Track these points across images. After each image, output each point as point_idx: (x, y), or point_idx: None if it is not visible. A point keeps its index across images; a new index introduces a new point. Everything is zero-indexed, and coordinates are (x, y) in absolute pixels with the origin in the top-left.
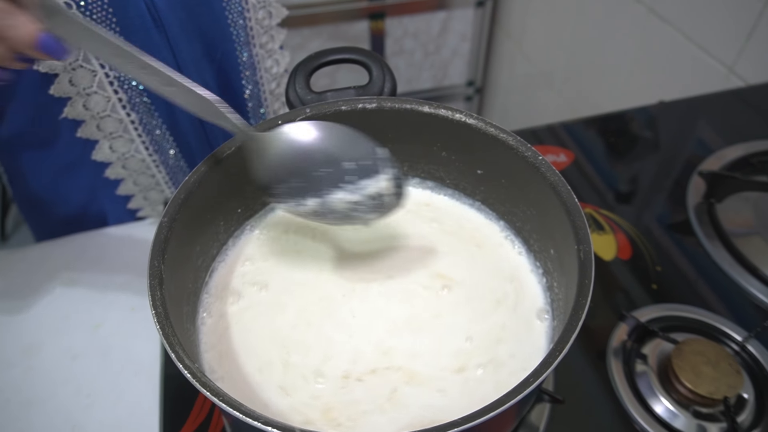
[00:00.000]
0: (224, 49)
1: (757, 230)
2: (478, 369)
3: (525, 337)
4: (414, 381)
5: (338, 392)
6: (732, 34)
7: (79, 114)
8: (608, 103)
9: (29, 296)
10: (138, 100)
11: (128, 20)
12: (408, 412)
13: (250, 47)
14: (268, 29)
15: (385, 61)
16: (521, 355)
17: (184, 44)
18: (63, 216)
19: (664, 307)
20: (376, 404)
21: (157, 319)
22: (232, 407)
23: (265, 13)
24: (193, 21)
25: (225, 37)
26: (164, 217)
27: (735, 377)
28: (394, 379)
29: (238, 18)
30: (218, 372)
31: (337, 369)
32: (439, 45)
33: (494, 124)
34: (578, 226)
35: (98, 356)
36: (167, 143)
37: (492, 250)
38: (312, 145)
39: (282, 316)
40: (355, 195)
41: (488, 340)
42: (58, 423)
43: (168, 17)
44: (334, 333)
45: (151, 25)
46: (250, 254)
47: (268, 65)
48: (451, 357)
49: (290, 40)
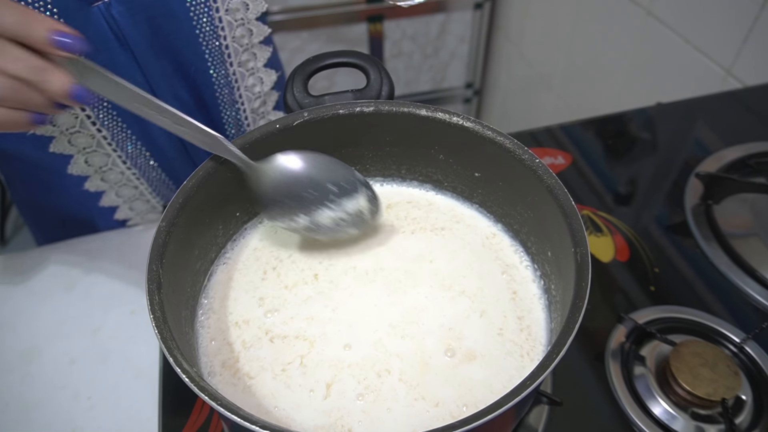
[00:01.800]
0: (197, 66)
1: (755, 232)
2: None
3: (522, 340)
4: (404, 380)
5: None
6: (729, 36)
7: (47, 130)
8: (606, 105)
9: (28, 300)
10: (106, 117)
11: (89, 38)
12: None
13: (226, 66)
14: (249, 47)
15: (383, 65)
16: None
17: (152, 61)
18: (60, 221)
19: (662, 308)
20: (373, 412)
21: (155, 323)
22: (230, 411)
23: (244, 30)
24: (160, 38)
25: (196, 54)
26: (162, 222)
27: (733, 379)
28: (389, 384)
29: (210, 37)
30: (217, 376)
31: (337, 369)
32: (437, 47)
33: (491, 127)
34: (575, 229)
35: (97, 360)
36: (144, 158)
37: (489, 252)
38: (300, 172)
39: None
40: (338, 212)
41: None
42: (58, 427)
43: (132, 35)
44: (333, 335)
45: (114, 43)
46: (248, 257)
47: (249, 84)
48: (445, 359)
49: (288, 42)
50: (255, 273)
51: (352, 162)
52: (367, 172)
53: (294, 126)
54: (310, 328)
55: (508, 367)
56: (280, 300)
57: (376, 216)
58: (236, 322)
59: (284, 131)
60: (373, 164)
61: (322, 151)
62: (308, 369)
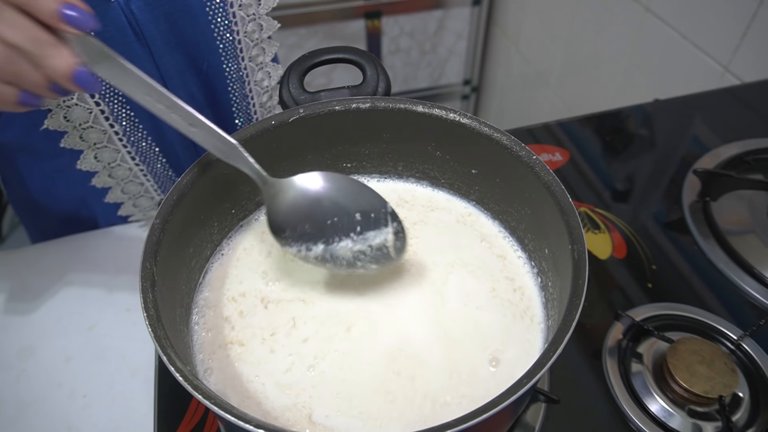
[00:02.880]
0: (210, 61)
1: (752, 228)
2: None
3: (519, 337)
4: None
5: (334, 392)
6: (727, 32)
7: (61, 125)
8: (604, 101)
9: (24, 298)
10: (122, 112)
11: (108, 33)
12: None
13: (238, 60)
14: (259, 42)
15: (379, 61)
16: (515, 354)
17: (167, 57)
18: (57, 218)
19: (659, 305)
20: (377, 403)
21: (149, 321)
22: (224, 410)
23: (255, 26)
24: (176, 33)
25: (211, 49)
26: (156, 219)
27: (730, 376)
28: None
29: (224, 31)
30: (213, 375)
31: (335, 368)
32: (435, 44)
33: (488, 124)
34: (572, 226)
35: (93, 358)
36: (153, 154)
37: (485, 249)
38: (324, 194)
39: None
40: (360, 244)
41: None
42: (54, 425)
43: (150, 30)
44: (331, 333)
45: (132, 38)
46: (244, 255)
47: (258, 78)
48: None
49: (286, 39)
50: (251, 269)
51: (349, 159)
52: (364, 169)
53: (289, 122)
54: (308, 326)
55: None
56: (276, 296)
57: (401, 254)
58: (229, 317)
59: (280, 128)
60: (369, 161)
61: (317, 149)
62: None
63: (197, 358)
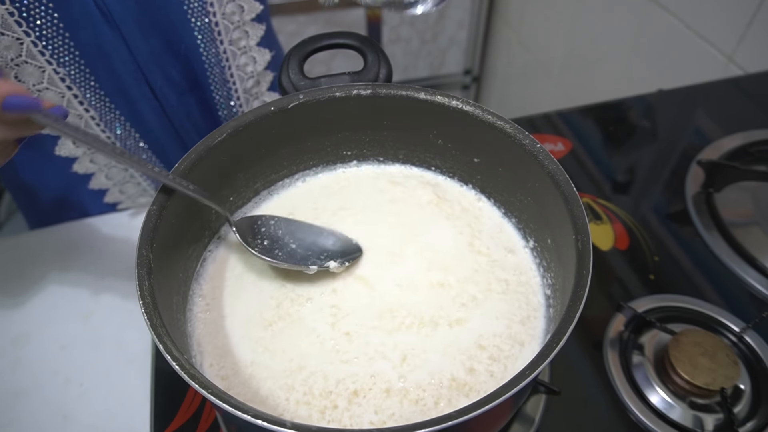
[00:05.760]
0: (188, 43)
1: (756, 220)
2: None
3: (521, 328)
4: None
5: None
6: (732, 22)
7: None
8: (606, 91)
9: (19, 285)
10: (94, 97)
11: (73, 16)
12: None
13: (216, 44)
14: (240, 25)
15: (381, 47)
16: (518, 345)
17: (140, 39)
18: (50, 204)
19: (661, 297)
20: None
21: (144, 309)
22: (220, 399)
23: (234, 7)
24: (146, 14)
25: (186, 31)
26: (153, 205)
27: (732, 368)
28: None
29: (199, 13)
30: (213, 365)
31: (332, 359)
32: (436, 33)
33: (491, 111)
34: (576, 216)
35: (89, 346)
36: (133, 139)
37: (488, 239)
38: (281, 238)
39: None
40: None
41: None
42: (49, 413)
43: (118, 11)
44: (326, 324)
45: (100, 20)
46: None
47: (241, 62)
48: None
49: (285, 26)
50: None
51: (349, 146)
52: (364, 156)
53: (289, 108)
54: (303, 314)
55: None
56: (277, 285)
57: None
58: (226, 306)
59: (279, 114)
60: (369, 149)
61: (317, 136)
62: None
63: (194, 347)
